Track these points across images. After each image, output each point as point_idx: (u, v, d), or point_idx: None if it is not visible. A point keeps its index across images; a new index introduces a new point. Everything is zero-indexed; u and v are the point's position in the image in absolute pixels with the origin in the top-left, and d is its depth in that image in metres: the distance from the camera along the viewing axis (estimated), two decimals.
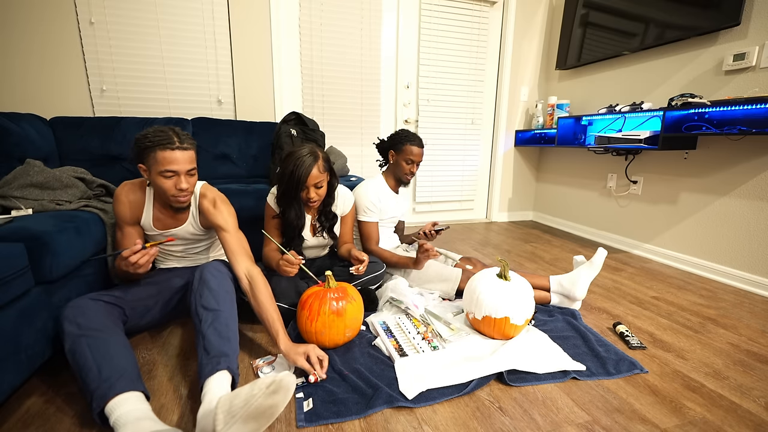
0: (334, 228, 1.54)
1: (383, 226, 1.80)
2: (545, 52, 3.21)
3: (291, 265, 1.21)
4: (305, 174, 1.32)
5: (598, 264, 1.48)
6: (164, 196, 1.18)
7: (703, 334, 1.41)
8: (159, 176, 1.13)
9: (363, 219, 1.68)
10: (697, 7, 2.01)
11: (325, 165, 1.37)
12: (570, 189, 3.07)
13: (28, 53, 2.07)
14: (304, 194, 1.37)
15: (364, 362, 1.15)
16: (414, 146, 1.68)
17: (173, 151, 1.12)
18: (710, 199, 2.05)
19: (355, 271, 1.40)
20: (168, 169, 1.12)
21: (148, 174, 1.15)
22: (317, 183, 1.35)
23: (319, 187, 1.37)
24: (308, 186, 1.35)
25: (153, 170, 1.13)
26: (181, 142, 1.13)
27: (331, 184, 1.45)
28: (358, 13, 2.67)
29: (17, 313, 0.94)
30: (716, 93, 1.99)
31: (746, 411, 1.00)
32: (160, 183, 1.14)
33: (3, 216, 1.17)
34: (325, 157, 1.39)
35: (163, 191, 1.16)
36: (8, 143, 1.60)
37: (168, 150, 1.11)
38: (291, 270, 1.22)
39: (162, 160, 1.11)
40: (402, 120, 3.03)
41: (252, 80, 2.50)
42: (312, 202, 1.38)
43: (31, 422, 0.91)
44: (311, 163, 1.32)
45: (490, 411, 0.98)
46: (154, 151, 1.10)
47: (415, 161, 1.69)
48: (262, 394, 0.76)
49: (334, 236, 1.55)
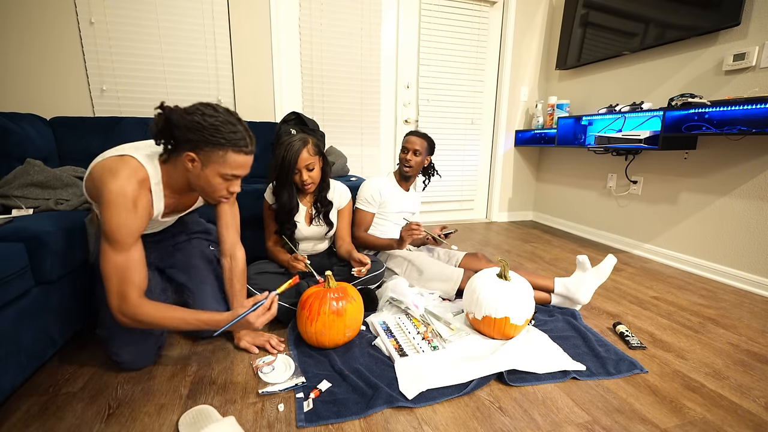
0: (330, 215, 1.56)
1: (389, 221, 1.80)
2: (545, 52, 3.21)
3: (299, 262, 1.36)
4: (295, 156, 1.38)
5: (605, 272, 1.48)
6: (205, 192, 1.02)
7: (703, 334, 1.41)
8: (216, 176, 0.97)
9: (359, 207, 1.74)
10: (697, 7, 2.01)
11: (314, 149, 1.43)
12: (570, 189, 3.07)
13: (28, 53, 2.07)
14: (297, 178, 1.42)
15: (364, 362, 1.15)
16: (408, 135, 1.75)
17: (247, 155, 0.98)
18: (710, 199, 2.05)
19: (357, 273, 1.41)
20: (234, 173, 0.98)
21: (195, 165, 0.96)
22: (308, 165, 1.40)
23: (311, 170, 1.42)
24: (300, 169, 1.40)
25: (211, 167, 0.96)
26: (253, 143, 1.00)
27: (324, 170, 1.49)
28: (358, 13, 2.67)
29: (17, 313, 0.94)
30: (716, 93, 1.99)
31: (746, 411, 1.00)
32: (211, 181, 0.98)
33: (3, 216, 1.17)
34: (315, 142, 1.45)
35: (209, 189, 1.00)
36: (8, 143, 1.60)
37: (242, 154, 0.97)
38: (299, 266, 1.36)
39: (232, 162, 0.96)
40: (402, 120, 3.03)
41: (252, 80, 2.50)
42: (306, 185, 1.43)
43: (31, 422, 0.91)
44: (300, 147, 1.39)
45: (490, 411, 0.98)
46: (225, 150, 0.94)
47: (409, 148, 1.73)
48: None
49: (330, 223, 1.56)
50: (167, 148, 0.97)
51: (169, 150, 0.97)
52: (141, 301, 0.94)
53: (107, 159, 0.98)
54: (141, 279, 0.97)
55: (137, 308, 0.93)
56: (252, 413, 0.95)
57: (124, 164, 0.95)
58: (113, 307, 0.94)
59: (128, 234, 0.92)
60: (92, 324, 1.36)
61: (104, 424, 0.90)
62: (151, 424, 0.91)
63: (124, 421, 0.92)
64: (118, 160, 0.96)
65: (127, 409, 0.96)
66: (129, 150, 0.99)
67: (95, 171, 0.97)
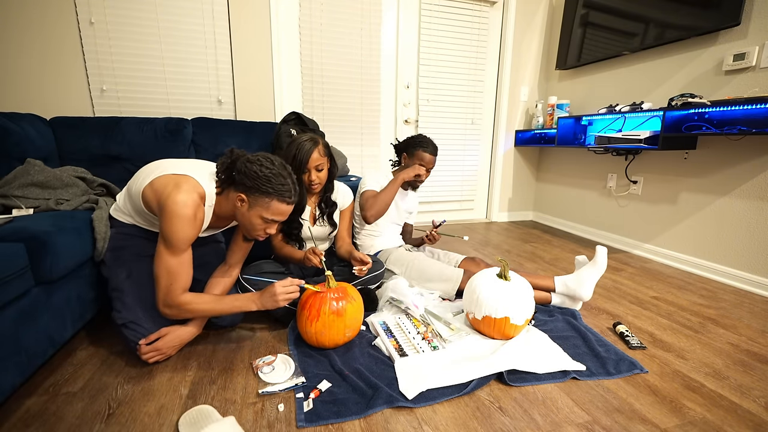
0: (334, 215, 1.58)
1: (387, 220, 1.80)
2: (545, 52, 3.21)
3: (315, 257, 1.38)
4: (306, 156, 1.40)
5: (602, 263, 1.47)
6: (245, 228, 1.16)
7: (703, 334, 1.41)
8: (258, 217, 1.10)
9: (368, 189, 1.67)
10: (697, 7, 2.01)
11: (324, 150, 1.45)
12: (570, 189, 3.07)
13: (28, 53, 2.07)
14: (306, 177, 1.44)
15: (364, 362, 1.15)
16: (426, 153, 1.70)
17: (289, 205, 1.10)
18: (710, 199, 2.05)
19: (358, 272, 1.42)
20: (274, 218, 1.10)
21: (243, 205, 1.10)
22: (318, 165, 1.43)
23: (320, 170, 1.45)
24: (310, 168, 1.42)
25: (255, 210, 1.09)
26: (296, 194, 1.12)
27: (331, 170, 1.51)
28: (358, 13, 2.67)
29: (17, 313, 0.93)
30: (716, 93, 1.99)
31: (746, 411, 1.00)
32: (253, 221, 1.11)
33: (3, 216, 1.17)
34: (325, 143, 1.48)
35: (249, 227, 1.13)
36: (8, 143, 1.60)
37: (285, 203, 1.09)
38: (314, 261, 1.38)
39: (274, 209, 1.08)
40: (402, 120, 3.03)
41: (252, 80, 2.50)
42: (314, 185, 1.45)
43: (31, 422, 0.91)
44: (311, 147, 1.41)
45: (490, 411, 0.98)
46: (272, 198, 1.07)
47: (426, 167, 1.70)
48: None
49: (334, 224, 1.58)
50: (224, 181, 1.11)
51: (224, 185, 1.12)
52: (185, 294, 1.09)
53: (170, 175, 1.10)
54: (187, 279, 1.10)
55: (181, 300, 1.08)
56: (252, 413, 0.95)
57: (186, 180, 1.08)
58: (159, 300, 1.08)
59: (184, 241, 1.06)
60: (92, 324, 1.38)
61: (104, 424, 0.90)
62: (151, 424, 0.91)
63: (124, 421, 0.92)
64: (180, 177, 1.09)
65: (127, 409, 0.96)
66: (188, 170, 1.12)
67: (157, 184, 1.09)
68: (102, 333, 1.33)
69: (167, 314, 1.10)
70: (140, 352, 1.09)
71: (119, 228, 1.24)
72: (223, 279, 1.27)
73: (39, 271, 1.01)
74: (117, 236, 1.23)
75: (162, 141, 2.00)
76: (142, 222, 1.23)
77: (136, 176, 1.19)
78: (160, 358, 1.13)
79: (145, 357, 1.10)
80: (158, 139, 2.00)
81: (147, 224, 1.23)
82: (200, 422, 0.89)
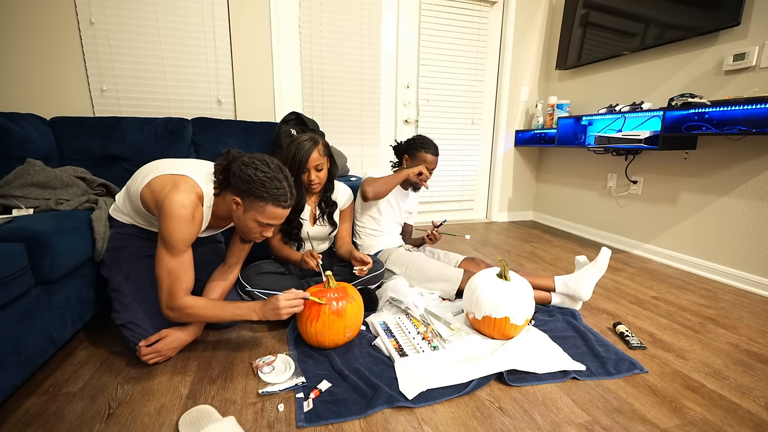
0: (334, 215, 1.58)
1: (388, 219, 1.80)
2: (545, 52, 3.21)
3: (312, 259, 1.37)
4: (306, 156, 1.40)
5: (603, 264, 1.48)
6: (242, 230, 1.15)
7: (703, 334, 1.41)
8: (253, 221, 1.09)
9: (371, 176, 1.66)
10: (697, 7, 2.01)
11: (324, 149, 1.45)
12: (570, 189, 3.07)
13: (28, 53, 2.07)
14: (306, 177, 1.44)
15: (364, 362, 1.15)
16: (428, 154, 1.70)
17: (284, 209, 1.09)
18: (710, 199, 2.05)
19: (358, 272, 1.42)
20: (269, 222, 1.10)
21: (239, 208, 1.09)
22: (317, 165, 1.43)
23: (320, 170, 1.45)
24: (309, 168, 1.42)
25: (251, 213, 1.08)
26: (292, 198, 1.11)
27: (331, 170, 1.51)
28: (358, 13, 2.67)
29: (17, 313, 0.93)
30: (716, 93, 1.99)
31: (746, 411, 1.00)
32: (248, 225, 1.10)
33: (3, 216, 1.17)
34: (325, 143, 1.48)
35: (245, 230, 1.13)
36: (8, 143, 1.60)
37: (280, 208, 1.08)
38: (312, 263, 1.37)
39: (270, 214, 1.08)
40: (402, 120, 3.03)
41: (252, 80, 2.50)
42: (314, 184, 1.45)
43: (31, 422, 0.91)
44: (311, 147, 1.41)
45: (490, 411, 0.98)
46: (267, 202, 1.06)
47: (428, 168, 1.69)
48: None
49: (334, 224, 1.58)
50: (221, 183, 1.10)
51: (222, 186, 1.11)
52: (187, 297, 1.08)
53: (167, 176, 1.09)
54: (189, 280, 1.09)
55: (183, 303, 1.07)
56: (252, 413, 0.95)
57: (183, 181, 1.07)
58: (162, 302, 1.07)
59: (184, 241, 1.05)
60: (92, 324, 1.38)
61: (104, 424, 0.90)
62: (151, 424, 0.91)
63: (124, 421, 0.92)
64: (178, 178, 1.08)
65: (127, 409, 0.96)
66: (186, 170, 1.11)
67: (155, 184, 1.09)
68: (102, 333, 1.33)
69: (170, 317, 1.09)
70: (140, 354, 1.09)
71: (119, 228, 1.24)
72: (222, 282, 1.27)
73: (39, 271, 1.01)
74: (116, 236, 1.23)
75: (162, 141, 2.00)
76: (142, 222, 1.23)
77: (134, 176, 1.19)
78: (160, 360, 1.13)
79: (145, 358, 1.10)
80: (158, 139, 2.00)
81: (146, 224, 1.23)
82: (200, 422, 0.89)
